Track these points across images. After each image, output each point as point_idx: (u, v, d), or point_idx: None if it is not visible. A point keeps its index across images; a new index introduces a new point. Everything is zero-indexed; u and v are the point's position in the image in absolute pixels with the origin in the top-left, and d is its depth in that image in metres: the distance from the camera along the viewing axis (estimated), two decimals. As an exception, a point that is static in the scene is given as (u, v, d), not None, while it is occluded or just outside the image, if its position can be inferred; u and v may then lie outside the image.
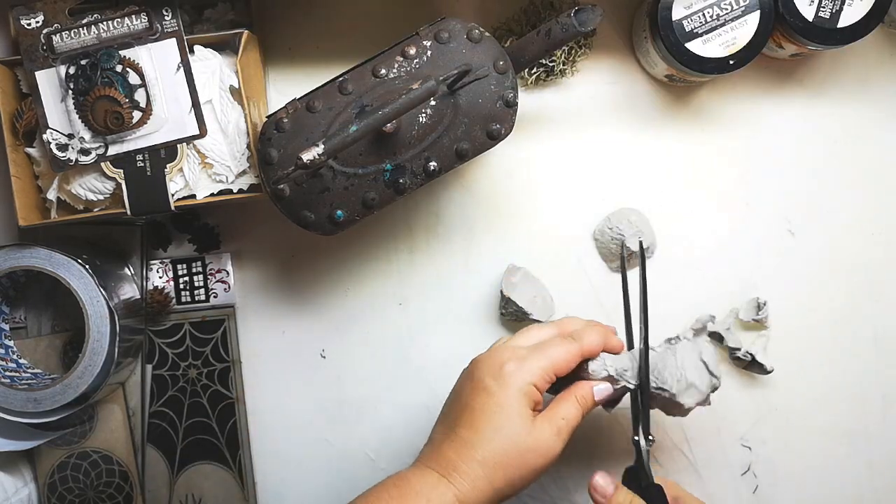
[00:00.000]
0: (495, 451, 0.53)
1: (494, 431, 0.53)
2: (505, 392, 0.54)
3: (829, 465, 0.70)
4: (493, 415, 0.53)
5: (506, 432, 0.53)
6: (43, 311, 0.68)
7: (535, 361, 0.55)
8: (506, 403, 0.53)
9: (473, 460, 0.52)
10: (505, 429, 0.53)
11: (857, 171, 0.70)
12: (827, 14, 0.61)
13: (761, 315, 0.67)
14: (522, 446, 0.53)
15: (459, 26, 0.57)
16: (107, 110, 0.59)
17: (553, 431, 0.54)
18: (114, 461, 0.68)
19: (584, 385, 0.57)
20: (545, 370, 0.55)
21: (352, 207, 0.58)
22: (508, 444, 0.53)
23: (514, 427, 0.53)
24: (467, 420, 0.54)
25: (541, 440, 0.53)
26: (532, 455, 0.53)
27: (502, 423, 0.53)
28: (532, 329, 0.59)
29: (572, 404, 0.56)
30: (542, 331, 0.58)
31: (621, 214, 0.68)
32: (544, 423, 0.54)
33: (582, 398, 0.56)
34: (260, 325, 0.70)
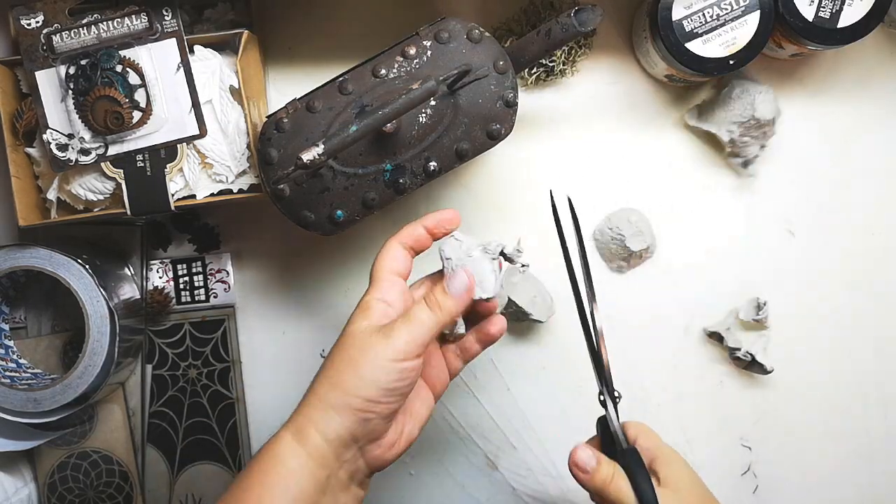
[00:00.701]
0: (325, 369, 0.50)
1: (328, 357, 0.51)
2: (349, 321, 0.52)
3: (829, 465, 0.70)
4: (334, 346, 0.51)
5: (335, 349, 0.50)
6: (43, 311, 0.68)
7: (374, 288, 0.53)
8: (345, 330, 0.51)
9: (308, 394, 0.50)
10: (335, 348, 0.50)
11: (857, 170, 0.70)
12: (827, 14, 0.61)
13: (761, 315, 0.67)
14: (346, 349, 0.50)
15: (459, 26, 0.57)
16: (107, 110, 0.59)
17: (384, 333, 0.49)
18: (114, 461, 0.68)
19: (435, 287, 0.52)
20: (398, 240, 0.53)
21: (352, 207, 0.58)
22: (335, 356, 0.50)
23: (343, 340, 0.50)
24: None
25: (368, 341, 0.49)
26: (351, 352, 0.49)
27: (336, 345, 0.51)
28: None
29: (418, 306, 0.51)
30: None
31: (621, 214, 0.68)
32: (379, 330, 0.50)
33: (430, 297, 0.51)
34: (260, 325, 0.70)
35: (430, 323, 0.50)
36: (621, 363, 0.67)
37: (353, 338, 0.50)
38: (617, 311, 0.69)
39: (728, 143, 0.66)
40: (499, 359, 0.70)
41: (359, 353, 0.49)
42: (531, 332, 0.70)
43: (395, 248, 0.54)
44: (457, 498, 0.70)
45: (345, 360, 0.49)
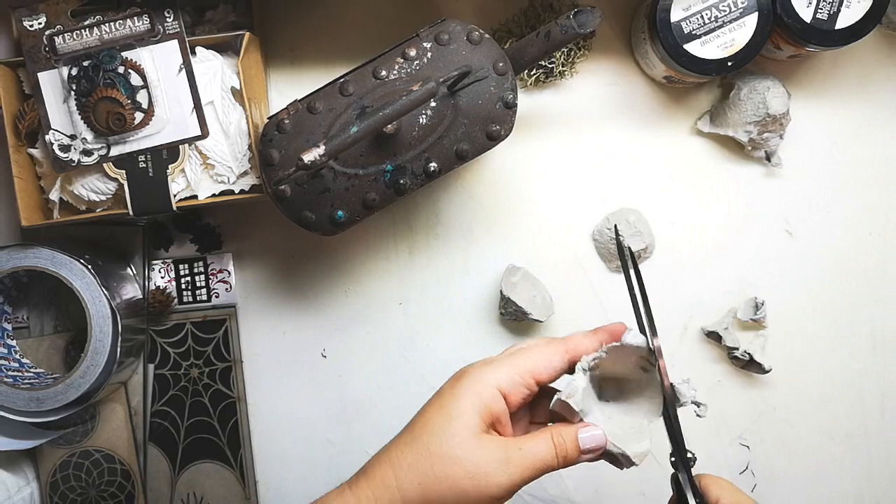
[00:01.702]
0: (414, 452, 0.44)
1: (424, 433, 0.44)
2: (454, 393, 0.45)
3: (827, 464, 0.70)
4: (430, 417, 0.45)
5: (436, 435, 0.44)
6: (45, 311, 0.68)
7: (504, 359, 0.46)
8: (451, 406, 0.45)
9: (385, 461, 0.45)
10: (437, 432, 0.44)
11: (855, 171, 0.70)
12: (825, 15, 0.61)
13: (759, 315, 0.68)
14: (450, 456, 0.43)
15: (459, 28, 0.58)
16: (109, 111, 0.59)
17: (499, 456, 0.44)
18: (116, 460, 0.68)
19: (568, 426, 0.46)
20: (517, 369, 0.45)
21: (352, 208, 0.58)
22: (434, 447, 0.43)
23: (448, 432, 0.44)
24: (407, 427, 0.46)
25: (478, 459, 0.43)
26: (459, 471, 0.43)
27: (437, 425, 0.44)
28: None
29: (543, 441, 0.45)
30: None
31: (621, 214, 0.68)
32: (492, 443, 0.44)
33: (559, 440, 0.45)
34: (261, 324, 0.70)
35: (545, 462, 0.45)
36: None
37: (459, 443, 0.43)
38: (616, 310, 0.69)
39: (748, 142, 0.67)
40: (499, 358, 0.70)
41: (466, 476, 0.43)
42: (531, 331, 0.70)
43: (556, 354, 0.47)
44: (457, 497, 0.70)
45: (444, 472, 0.43)
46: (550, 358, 0.46)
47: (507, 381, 0.45)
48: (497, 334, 0.70)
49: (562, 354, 0.47)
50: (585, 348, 0.47)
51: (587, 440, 0.45)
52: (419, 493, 0.43)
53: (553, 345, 0.47)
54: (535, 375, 0.46)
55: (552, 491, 0.70)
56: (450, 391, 0.46)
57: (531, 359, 0.46)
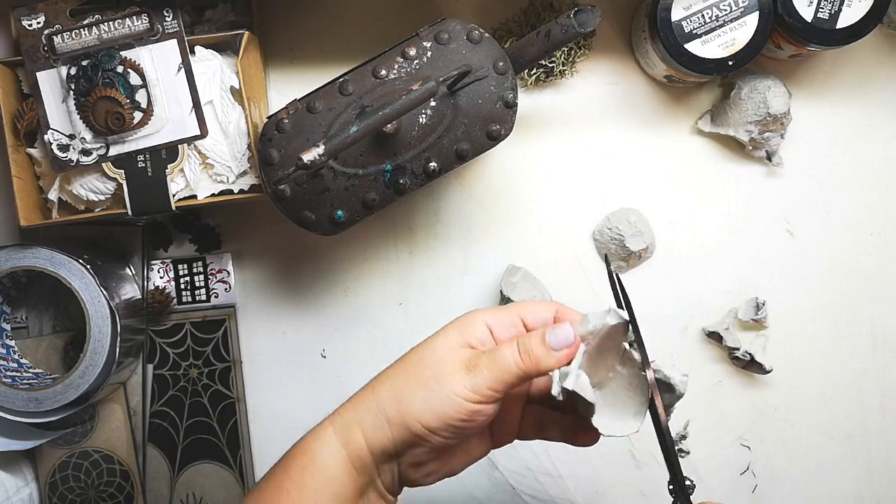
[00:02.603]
0: (393, 366, 0.46)
1: (407, 354, 0.47)
2: (444, 327, 0.47)
3: (828, 464, 0.70)
4: (417, 346, 0.47)
5: (415, 352, 0.46)
6: (44, 312, 0.68)
7: (497, 306, 0.48)
8: (436, 334, 0.47)
9: (366, 390, 0.47)
10: (417, 350, 0.46)
11: (856, 171, 0.70)
12: (826, 15, 0.61)
13: (760, 315, 0.68)
14: (423, 362, 0.45)
15: (459, 27, 0.58)
16: (108, 111, 0.59)
17: (465, 359, 0.45)
18: (115, 461, 0.68)
19: (532, 332, 0.46)
20: (507, 311, 0.47)
21: (352, 208, 0.58)
22: (410, 357, 0.46)
23: (426, 347, 0.46)
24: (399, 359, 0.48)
25: (446, 362, 0.45)
26: (427, 373, 0.45)
27: (419, 346, 0.47)
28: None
29: (509, 344, 0.45)
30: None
31: (621, 214, 0.68)
32: (463, 352, 0.46)
33: (524, 340, 0.45)
34: (261, 324, 0.70)
35: (514, 369, 0.45)
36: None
37: (434, 354, 0.46)
38: (616, 310, 0.69)
39: (749, 142, 0.67)
40: (499, 358, 0.70)
41: (434, 376, 0.45)
42: (531, 331, 0.70)
43: (546, 308, 0.48)
44: (457, 497, 0.70)
45: (416, 376, 0.45)
46: (539, 308, 0.48)
47: (496, 319, 0.47)
48: (497, 334, 0.70)
49: (549, 308, 0.48)
50: (572, 317, 0.48)
51: (555, 336, 0.45)
52: (392, 397, 0.45)
53: (547, 303, 0.50)
54: (523, 318, 0.48)
55: (552, 491, 0.70)
56: (443, 327, 0.48)
57: (522, 305, 0.49)
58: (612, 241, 0.68)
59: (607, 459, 0.70)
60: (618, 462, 0.69)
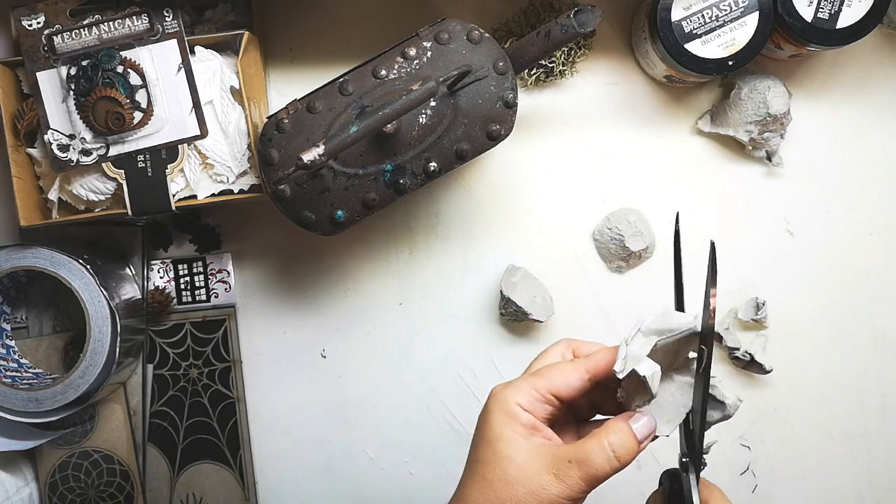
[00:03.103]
0: (477, 487, 0.45)
1: (478, 466, 0.46)
2: (486, 420, 0.46)
3: (828, 464, 0.70)
4: (477, 449, 0.47)
5: (488, 464, 0.45)
6: (44, 312, 0.68)
7: (524, 379, 0.47)
8: (488, 433, 0.46)
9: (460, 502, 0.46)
10: (488, 461, 0.46)
11: (856, 171, 0.70)
12: (826, 15, 0.61)
13: (760, 315, 0.68)
14: (507, 479, 0.45)
15: (459, 27, 0.58)
16: (108, 111, 0.59)
17: (546, 466, 0.44)
18: (115, 461, 0.68)
19: (616, 423, 0.46)
20: (533, 386, 0.46)
21: (352, 208, 0.58)
22: (489, 475, 0.45)
23: (496, 457, 0.45)
24: (467, 460, 0.48)
25: (531, 475, 0.44)
26: (520, 490, 0.44)
27: (484, 454, 0.46)
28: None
29: (597, 448, 0.45)
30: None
31: (621, 214, 0.68)
32: (541, 457, 0.45)
33: (613, 442, 0.45)
34: (260, 324, 0.70)
35: (608, 469, 0.45)
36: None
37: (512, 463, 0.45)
38: (616, 310, 0.69)
39: (749, 142, 0.67)
40: (499, 358, 0.70)
41: (527, 492, 0.44)
42: (531, 331, 0.70)
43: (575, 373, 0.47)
44: (457, 497, 0.70)
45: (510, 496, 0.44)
46: (568, 377, 0.47)
47: (527, 400, 0.46)
48: (497, 334, 0.70)
49: (581, 374, 0.47)
50: (606, 367, 0.47)
51: (641, 429, 0.45)
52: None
53: (574, 365, 0.48)
54: (553, 393, 0.47)
55: (552, 491, 0.70)
56: (482, 420, 0.47)
57: (549, 378, 0.47)
58: (612, 241, 0.68)
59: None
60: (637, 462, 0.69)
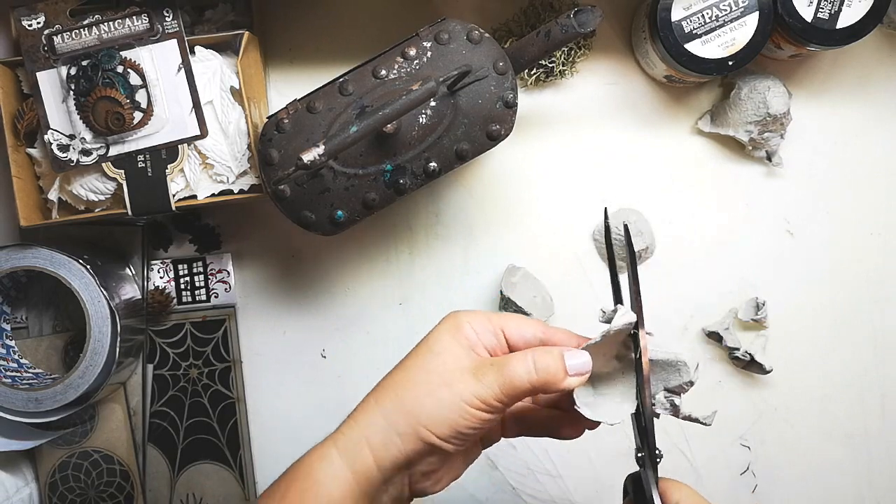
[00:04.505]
0: (394, 373, 0.46)
1: (405, 359, 0.46)
2: (435, 327, 0.47)
3: (828, 464, 0.70)
4: (414, 350, 0.47)
5: (414, 357, 0.46)
6: (44, 312, 0.68)
7: (479, 310, 0.48)
8: (430, 336, 0.46)
9: (368, 403, 0.45)
10: (415, 354, 0.46)
11: (856, 171, 0.70)
12: (826, 15, 0.61)
13: (760, 315, 0.68)
14: (426, 367, 0.45)
15: (459, 27, 0.58)
16: (108, 111, 0.59)
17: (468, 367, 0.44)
18: (115, 461, 0.68)
19: (548, 347, 0.46)
20: (488, 317, 0.47)
21: (352, 208, 0.58)
22: (410, 363, 0.45)
23: (427, 351, 0.45)
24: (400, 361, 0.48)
25: (452, 367, 0.44)
26: (434, 378, 0.44)
27: (417, 352, 0.46)
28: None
29: (521, 357, 0.45)
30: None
31: (620, 215, 0.68)
32: (468, 357, 0.45)
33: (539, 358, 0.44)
34: (260, 324, 0.70)
35: (525, 383, 0.44)
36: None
37: (437, 358, 0.45)
38: (616, 311, 0.69)
39: (749, 142, 0.67)
40: (499, 359, 0.70)
41: (442, 383, 0.44)
42: (531, 331, 0.70)
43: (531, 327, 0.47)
44: (457, 498, 0.70)
45: (423, 383, 0.44)
46: (522, 326, 0.47)
47: (480, 325, 0.47)
48: (497, 334, 0.70)
49: (535, 331, 0.48)
50: (559, 339, 0.48)
51: (574, 360, 0.45)
52: (398, 407, 0.44)
53: (534, 322, 0.48)
54: (504, 329, 0.47)
55: (552, 491, 0.70)
56: (429, 333, 0.48)
57: (506, 317, 0.48)
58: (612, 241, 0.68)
59: (607, 460, 0.70)
60: (618, 462, 0.69)
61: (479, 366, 0.45)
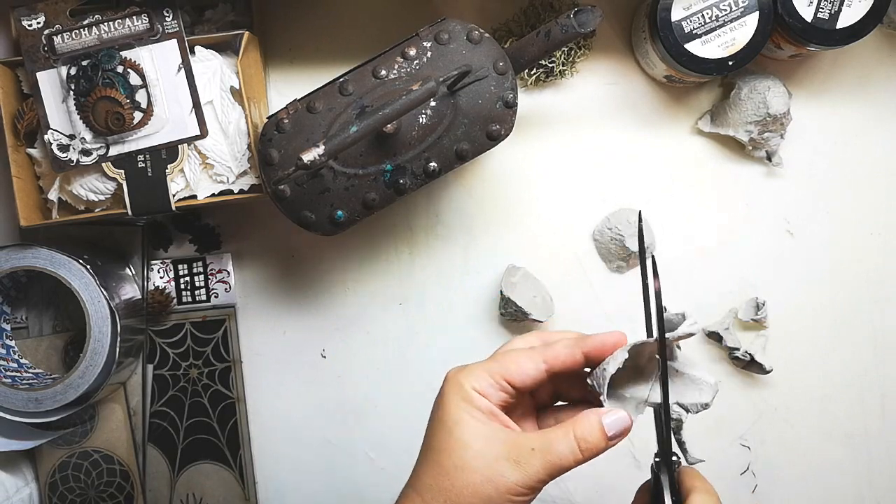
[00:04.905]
0: (432, 473, 0.45)
1: (432, 451, 0.45)
2: (442, 404, 0.46)
3: (828, 464, 0.70)
4: (433, 434, 0.46)
5: (444, 451, 0.44)
6: (44, 312, 0.68)
7: (478, 364, 0.46)
8: (445, 417, 0.45)
9: (411, 492, 0.45)
10: (443, 447, 0.45)
11: (856, 171, 0.70)
12: (826, 15, 0.61)
13: (760, 315, 0.68)
14: (463, 466, 0.44)
15: (459, 27, 0.58)
16: (108, 111, 0.59)
17: (505, 453, 0.43)
18: (115, 461, 0.68)
19: (587, 416, 0.45)
20: (488, 371, 0.46)
21: (352, 208, 0.58)
22: (445, 461, 0.44)
23: (453, 443, 0.44)
24: (422, 445, 0.47)
25: (490, 463, 0.43)
26: (477, 478, 0.43)
27: (441, 440, 0.45)
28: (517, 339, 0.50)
29: (562, 437, 0.44)
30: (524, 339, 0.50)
31: (621, 214, 0.68)
32: (501, 444, 0.44)
33: (581, 435, 0.44)
34: (260, 324, 0.70)
35: (571, 461, 0.44)
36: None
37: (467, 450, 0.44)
38: (616, 310, 0.69)
39: (749, 142, 0.67)
40: (499, 359, 0.70)
41: (483, 480, 0.43)
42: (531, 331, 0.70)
43: (530, 362, 0.46)
44: (457, 497, 0.70)
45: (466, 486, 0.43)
46: (523, 365, 0.46)
47: (483, 386, 0.46)
48: (497, 334, 0.70)
49: (537, 363, 0.46)
50: (564, 360, 0.46)
51: (613, 424, 0.45)
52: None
53: (531, 353, 0.47)
54: (508, 380, 0.46)
55: (552, 491, 0.70)
56: (438, 404, 0.47)
57: (504, 365, 0.46)
58: (612, 241, 0.68)
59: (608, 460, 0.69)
60: (618, 462, 0.69)
61: (518, 451, 0.44)
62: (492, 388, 0.46)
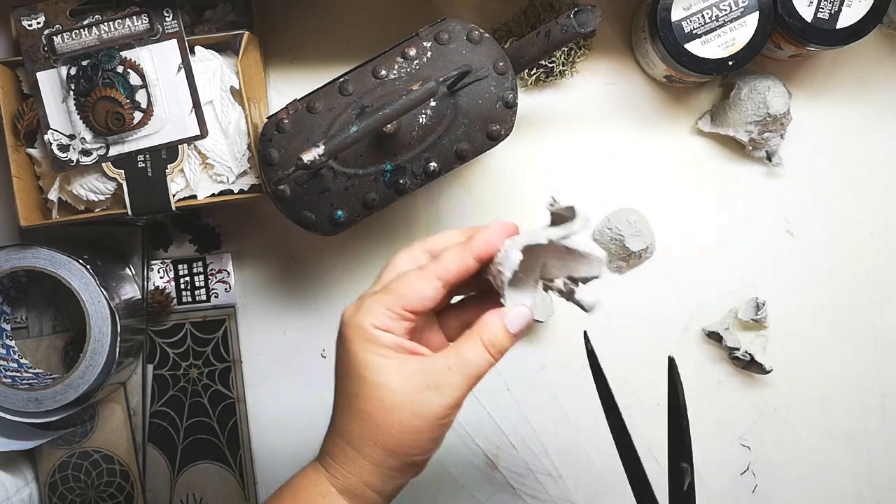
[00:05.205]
0: (357, 421, 0.44)
1: (351, 400, 0.44)
2: (347, 346, 0.44)
3: (828, 464, 0.70)
4: (343, 378, 0.45)
5: (362, 398, 0.44)
6: (44, 312, 0.68)
7: (373, 298, 0.45)
8: (353, 363, 0.44)
9: (339, 440, 0.45)
10: (360, 394, 0.44)
11: (856, 171, 0.70)
12: (826, 15, 0.61)
13: (760, 315, 0.68)
14: (386, 407, 0.43)
15: (459, 27, 0.58)
16: (108, 111, 0.59)
17: (429, 384, 0.43)
18: (115, 461, 0.68)
19: (489, 320, 0.44)
20: (386, 305, 0.44)
21: (352, 208, 0.58)
22: (366, 407, 0.43)
23: (369, 387, 0.43)
24: (335, 391, 0.46)
25: (411, 398, 0.43)
26: (402, 415, 0.43)
27: (355, 386, 0.44)
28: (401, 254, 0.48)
29: (472, 347, 0.44)
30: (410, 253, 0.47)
31: (621, 214, 0.68)
32: (416, 374, 0.43)
33: (489, 338, 0.44)
34: (260, 324, 0.70)
35: (485, 366, 0.44)
36: (620, 363, 0.67)
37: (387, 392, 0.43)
38: (616, 311, 0.69)
39: (749, 142, 0.67)
40: (499, 359, 0.70)
41: (410, 416, 0.43)
42: (531, 331, 0.70)
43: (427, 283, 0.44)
44: (457, 498, 0.70)
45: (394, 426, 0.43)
46: (420, 290, 0.44)
47: (383, 321, 0.44)
48: (497, 334, 0.70)
49: (432, 283, 0.44)
50: (458, 271, 0.44)
51: (514, 321, 0.44)
52: (382, 452, 0.44)
53: (424, 274, 0.45)
54: (407, 308, 0.44)
55: (552, 491, 0.70)
56: (343, 350, 0.45)
57: (400, 294, 0.44)
58: (612, 241, 0.68)
59: (607, 459, 0.70)
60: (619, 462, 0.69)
61: (435, 377, 0.44)
62: (393, 321, 0.44)
